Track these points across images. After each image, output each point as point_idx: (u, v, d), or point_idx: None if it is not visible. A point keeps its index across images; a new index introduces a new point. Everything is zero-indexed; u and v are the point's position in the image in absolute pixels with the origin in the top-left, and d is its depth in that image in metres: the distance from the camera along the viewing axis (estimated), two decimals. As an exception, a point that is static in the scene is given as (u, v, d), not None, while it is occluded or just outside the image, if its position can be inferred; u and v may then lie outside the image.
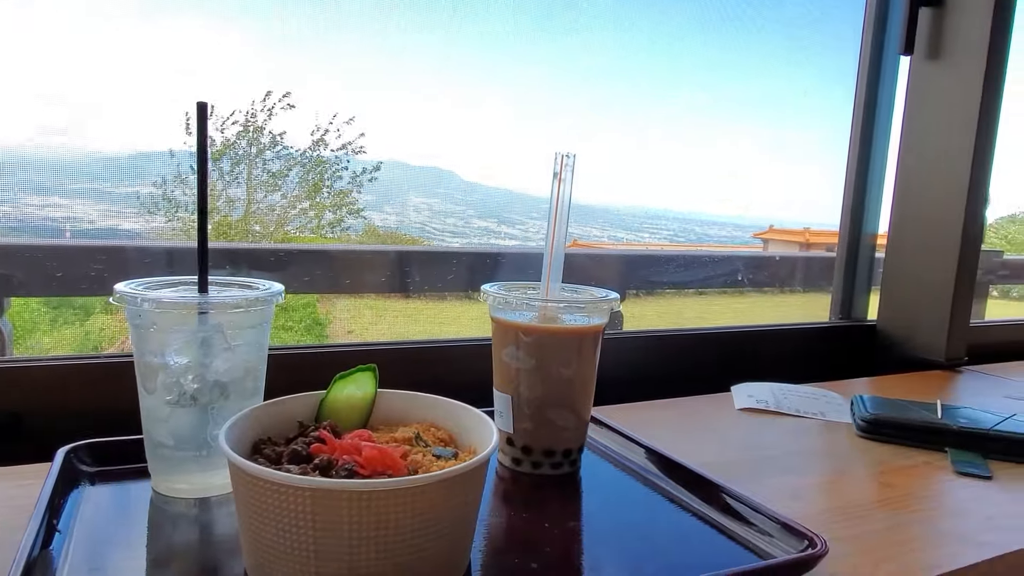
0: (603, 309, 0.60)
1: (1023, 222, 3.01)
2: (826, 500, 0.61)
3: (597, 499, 0.59)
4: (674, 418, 0.80)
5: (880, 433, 0.75)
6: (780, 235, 1.78)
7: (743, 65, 1.42)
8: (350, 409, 0.52)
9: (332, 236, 1.30)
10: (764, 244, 1.81)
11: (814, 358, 1.13)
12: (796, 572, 0.47)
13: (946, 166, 1.07)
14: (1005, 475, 0.68)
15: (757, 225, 1.78)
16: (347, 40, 1.08)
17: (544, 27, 1.21)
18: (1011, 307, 2.57)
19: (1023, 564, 0.54)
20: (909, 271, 1.14)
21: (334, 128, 1.17)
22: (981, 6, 1.02)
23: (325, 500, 0.39)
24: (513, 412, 0.60)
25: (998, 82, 1.03)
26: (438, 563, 0.42)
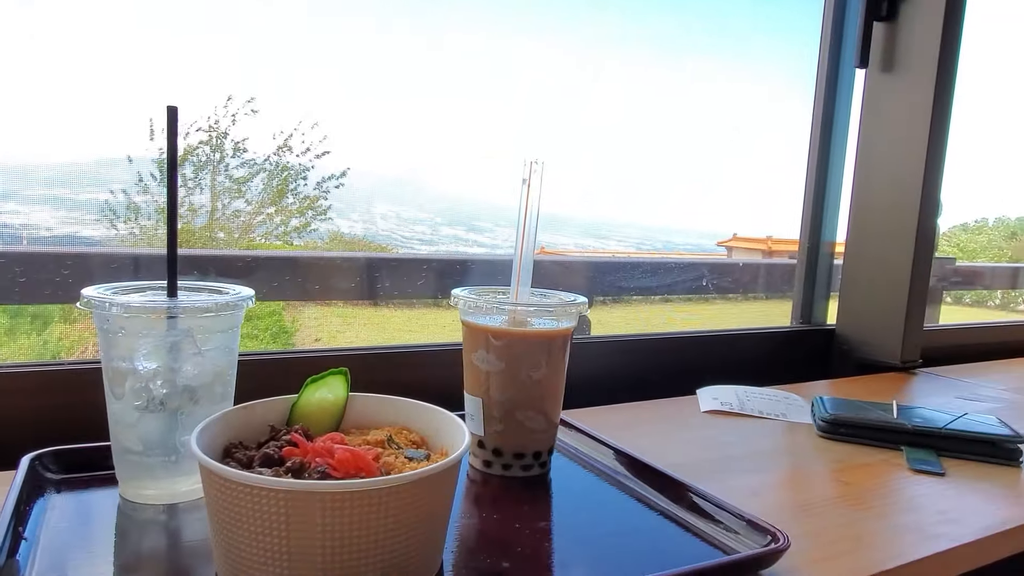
0: (572, 313, 0.61)
1: (974, 231, 3.12)
2: (787, 497, 0.63)
3: (567, 500, 0.60)
4: (641, 420, 0.82)
5: (839, 433, 0.78)
6: (743, 243, 1.81)
7: (706, 73, 1.46)
8: (322, 412, 0.52)
9: (298, 243, 1.29)
10: (728, 252, 1.84)
11: (776, 361, 1.16)
12: (759, 566, 0.48)
13: (899, 176, 1.11)
14: (957, 472, 0.71)
15: (721, 234, 1.82)
16: (314, 44, 1.08)
17: (513, 35, 1.22)
18: (964, 312, 2.65)
19: (975, 555, 0.57)
20: (866, 277, 1.17)
21: (299, 133, 1.16)
22: (931, 21, 1.07)
23: (299, 502, 0.39)
24: (483, 415, 0.61)
25: (948, 94, 1.08)
26: (411, 563, 0.43)
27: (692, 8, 1.47)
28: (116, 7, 0.91)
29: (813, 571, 0.50)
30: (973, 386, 1.08)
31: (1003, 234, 3.07)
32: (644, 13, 1.38)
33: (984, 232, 3.12)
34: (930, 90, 1.06)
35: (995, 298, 2.75)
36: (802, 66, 1.27)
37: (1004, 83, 2.30)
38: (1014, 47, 2.28)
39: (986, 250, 3.08)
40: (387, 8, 1.13)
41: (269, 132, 1.15)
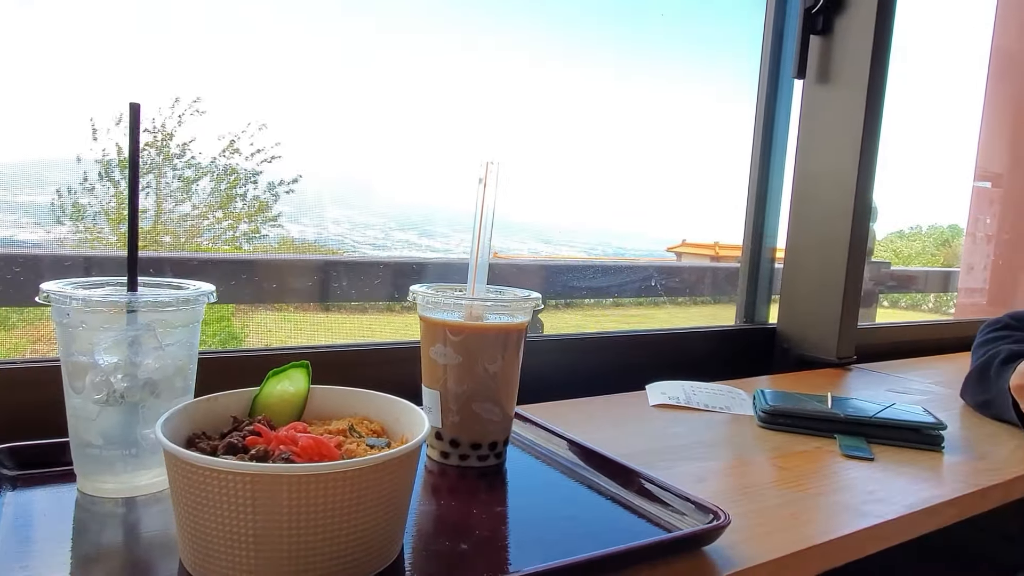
0: (526, 308, 0.64)
1: (910, 237, 3.28)
2: (730, 482, 0.67)
3: (522, 487, 0.62)
4: (593, 414, 0.85)
5: (778, 423, 0.82)
6: (692, 248, 1.87)
7: (655, 82, 1.50)
8: (284, 404, 0.53)
9: (247, 248, 1.28)
10: (677, 256, 1.90)
11: (722, 358, 1.21)
12: (703, 542, 0.52)
13: (834, 182, 1.18)
14: (885, 456, 0.75)
15: (671, 240, 1.88)
16: (265, 46, 1.08)
17: (471, 43, 1.25)
18: (900, 315, 2.77)
19: (900, 531, 0.61)
20: (804, 280, 1.23)
21: (247, 136, 1.16)
22: (862, 36, 1.13)
23: (265, 485, 0.40)
24: (441, 407, 0.63)
25: (878, 104, 1.14)
26: (373, 546, 0.44)
27: (642, 17, 1.52)
28: (57, 4, 0.90)
29: (752, 546, 0.53)
30: (903, 380, 1.14)
31: (936, 241, 3.22)
32: (591, 20, 1.43)
33: (919, 239, 3.27)
34: (862, 100, 1.12)
35: (928, 301, 2.89)
36: (751, 75, 1.33)
37: (935, 99, 2.43)
38: (942, 62, 2.42)
39: (920, 255, 3.22)
40: (340, 11, 1.14)
41: (216, 134, 1.14)
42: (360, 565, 0.44)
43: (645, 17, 1.50)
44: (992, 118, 2.24)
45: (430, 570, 0.47)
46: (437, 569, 0.47)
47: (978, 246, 2.35)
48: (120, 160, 1.04)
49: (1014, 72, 2.18)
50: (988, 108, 2.24)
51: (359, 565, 0.44)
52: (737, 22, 1.53)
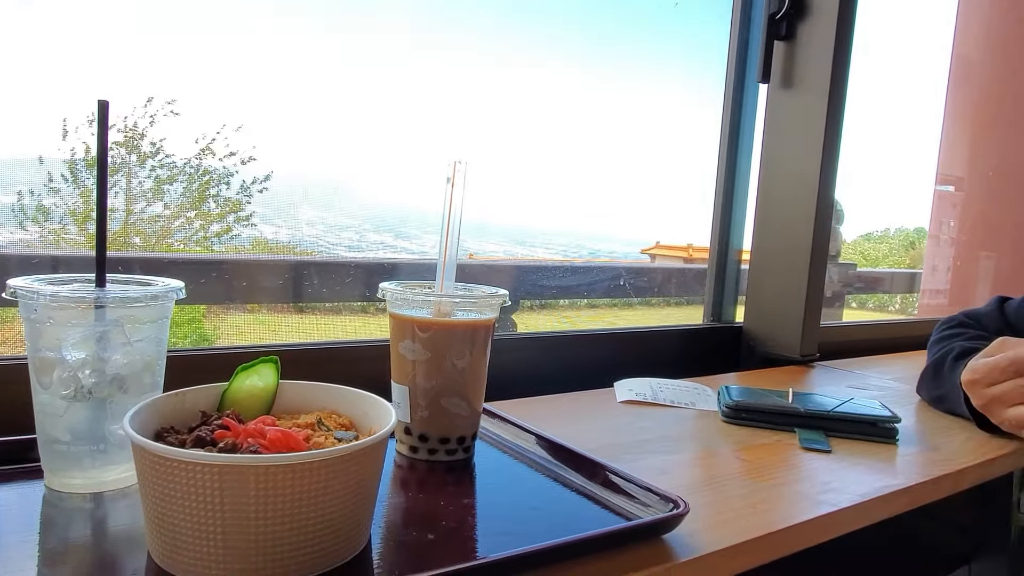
0: (494, 304, 0.65)
1: (877, 240, 3.36)
2: (692, 473, 0.68)
3: (490, 480, 0.63)
4: (561, 411, 0.86)
5: (741, 418, 0.84)
6: (665, 250, 1.91)
7: (631, 87, 1.53)
8: (252, 399, 0.54)
9: (219, 249, 1.28)
10: (652, 258, 1.93)
11: (690, 356, 1.24)
12: (663, 530, 0.53)
13: (797, 185, 1.21)
14: (842, 448, 0.78)
15: (646, 242, 1.91)
16: (241, 48, 1.08)
17: (447, 45, 1.26)
18: (867, 317, 2.84)
19: (854, 518, 0.64)
20: (769, 280, 1.26)
21: (222, 137, 1.16)
22: (824, 41, 1.17)
23: (233, 476, 0.41)
24: (410, 402, 0.64)
25: (839, 108, 1.18)
26: (340, 536, 0.45)
27: (614, 22, 1.55)
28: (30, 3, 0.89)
29: (712, 534, 0.55)
30: (863, 377, 1.17)
31: (903, 244, 3.30)
32: (565, 25, 1.45)
33: (885, 241, 3.36)
34: (824, 104, 1.16)
35: (895, 302, 2.96)
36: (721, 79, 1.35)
37: (900, 105, 2.51)
38: (907, 70, 2.49)
39: (887, 258, 3.30)
40: (314, 13, 1.14)
41: (191, 135, 1.14)
42: (327, 555, 0.45)
43: (616, 21, 1.53)
44: (953, 124, 2.31)
45: (397, 560, 0.48)
46: (404, 559, 0.48)
47: (941, 248, 2.41)
48: (87, 160, 1.04)
49: (973, 79, 2.24)
50: (949, 114, 2.31)
51: (326, 555, 0.45)
52: (707, 26, 1.56)
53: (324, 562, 0.44)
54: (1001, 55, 2.18)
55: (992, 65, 2.20)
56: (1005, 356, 0.78)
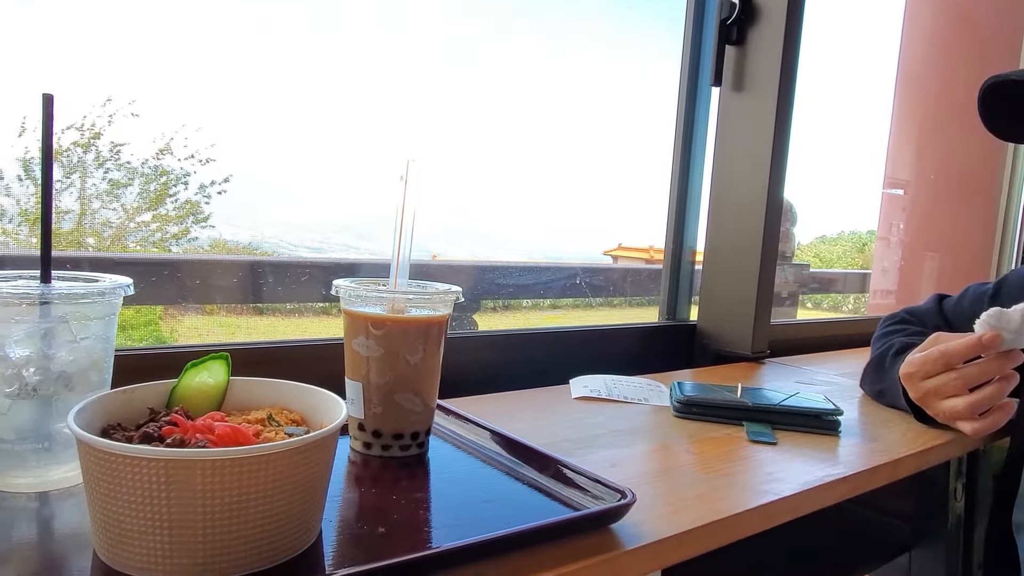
0: (447, 301, 0.66)
1: (831, 242, 3.46)
2: (642, 466, 0.70)
3: (443, 475, 0.64)
4: (517, 407, 0.87)
5: (691, 412, 0.87)
6: (627, 252, 1.94)
7: (595, 91, 1.55)
8: (202, 396, 0.54)
9: (176, 250, 1.26)
10: (614, 260, 1.96)
11: (645, 353, 1.26)
12: (610, 520, 0.55)
13: (747, 187, 1.24)
14: (787, 440, 0.81)
15: (609, 244, 1.93)
16: (202, 48, 1.07)
17: (412, 48, 1.26)
18: (822, 316, 2.91)
19: (796, 506, 0.66)
20: (721, 280, 1.29)
21: (180, 137, 1.14)
22: (773, 46, 1.20)
23: (179, 470, 0.41)
24: (363, 398, 0.64)
25: (788, 111, 1.22)
26: (289, 531, 0.45)
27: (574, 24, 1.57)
28: None
29: (659, 523, 0.56)
30: (811, 372, 1.21)
31: (855, 246, 3.41)
32: (526, 26, 1.46)
33: (839, 244, 3.47)
34: (772, 107, 1.19)
35: (848, 302, 3.05)
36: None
37: (854, 114, 2.59)
38: (858, 80, 2.58)
39: (841, 259, 3.40)
40: (277, 13, 1.14)
41: (150, 136, 1.12)
42: (276, 549, 0.45)
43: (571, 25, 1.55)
44: (899, 129, 2.39)
45: (348, 552, 0.48)
46: (355, 551, 0.48)
47: (891, 250, 2.49)
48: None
49: (918, 86, 2.33)
50: (895, 120, 2.39)
51: (275, 549, 0.45)
52: (663, 30, 1.59)
53: (273, 556, 0.45)
54: (943, 64, 2.26)
55: (935, 73, 2.28)
56: (936, 349, 0.82)
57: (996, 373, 0.78)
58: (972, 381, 0.79)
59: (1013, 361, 0.78)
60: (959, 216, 2.20)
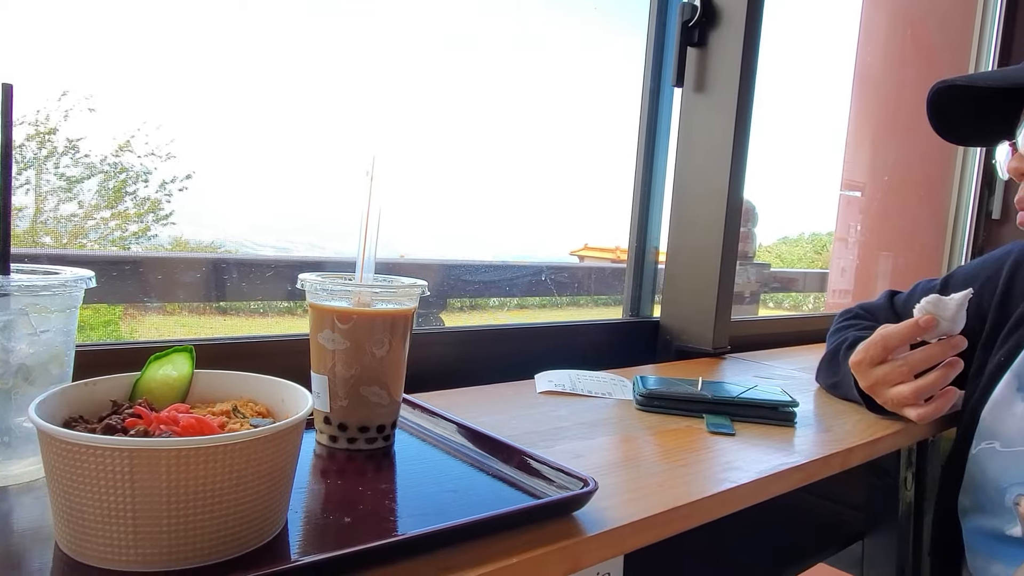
0: (413, 294, 0.66)
1: (792, 243, 3.55)
2: (605, 457, 0.72)
3: (409, 467, 0.65)
4: (483, 401, 0.88)
5: (653, 405, 0.89)
6: (594, 252, 1.96)
7: (562, 93, 1.57)
8: (166, 388, 0.54)
9: (137, 248, 1.24)
10: (580, 259, 1.98)
11: (610, 349, 1.28)
12: (573, 507, 0.56)
13: (708, 187, 1.27)
14: (745, 432, 0.83)
15: (575, 244, 1.95)
16: (163, 43, 1.06)
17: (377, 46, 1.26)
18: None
19: (751, 493, 0.68)
20: (683, 277, 1.32)
21: (142, 134, 1.12)
22: (733, 48, 1.23)
23: (143, 460, 0.41)
24: (329, 392, 0.65)
25: (747, 112, 1.25)
26: (254, 521, 0.46)
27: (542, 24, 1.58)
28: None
29: (620, 510, 0.58)
30: (769, 367, 1.24)
31: (815, 247, 3.49)
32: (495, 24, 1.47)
33: (800, 245, 3.56)
34: (733, 108, 1.22)
35: (809, 302, 3.12)
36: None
37: (816, 117, 2.67)
38: (821, 84, 2.65)
39: (801, 260, 3.49)
40: (241, 8, 1.13)
41: (108, 132, 1.10)
42: (241, 539, 0.45)
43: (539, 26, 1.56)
44: (856, 132, 2.46)
45: (313, 541, 0.49)
46: (320, 540, 0.49)
47: (849, 250, 2.56)
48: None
49: (873, 92, 2.40)
50: (852, 123, 2.46)
51: (240, 539, 0.45)
52: (628, 31, 1.61)
53: (238, 545, 0.45)
54: (896, 69, 2.33)
55: (889, 78, 2.35)
56: (877, 334, 0.85)
57: (939, 358, 0.82)
58: (917, 367, 0.83)
59: (955, 347, 0.82)
60: (912, 217, 2.27)
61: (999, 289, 0.96)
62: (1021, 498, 0.81)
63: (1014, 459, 0.83)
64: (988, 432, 0.88)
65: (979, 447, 0.88)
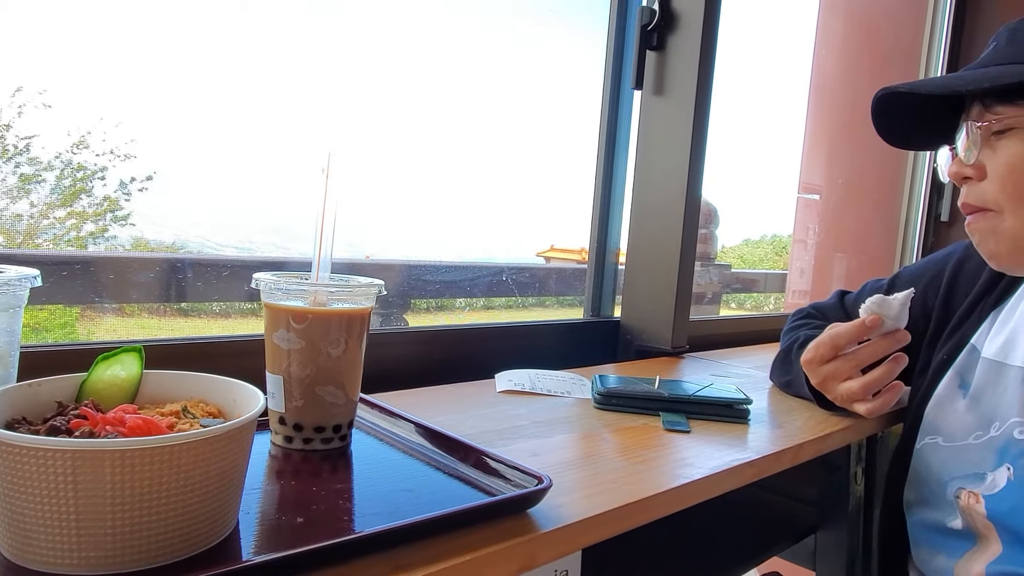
0: (370, 293, 0.66)
1: (754, 245, 3.62)
2: (562, 455, 0.72)
3: (365, 466, 0.64)
4: (442, 401, 0.89)
5: (611, 404, 0.90)
6: (559, 253, 1.97)
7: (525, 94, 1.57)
8: (114, 389, 0.53)
9: (95, 249, 1.21)
10: (546, 261, 1.99)
11: (571, 348, 1.29)
12: (528, 503, 0.56)
13: (667, 188, 1.29)
14: (701, 429, 0.84)
15: (541, 246, 1.96)
16: (122, 41, 1.04)
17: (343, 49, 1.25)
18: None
19: (705, 488, 0.69)
20: (643, 278, 1.34)
21: (100, 132, 1.10)
22: (691, 52, 1.25)
23: (87, 462, 0.40)
24: (284, 392, 0.64)
25: (704, 114, 1.27)
26: (203, 522, 0.45)
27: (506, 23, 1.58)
28: None
29: (576, 507, 0.58)
30: (726, 366, 1.27)
31: (775, 248, 3.57)
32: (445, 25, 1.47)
33: (761, 246, 3.63)
34: (691, 111, 1.24)
35: (770, 302, 3.18)
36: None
37: (777, 122, 2.72)
38: (784, 91, 2.71)
39: (763, 261, 3.56)
40: (201, 4, 1.11)
41: (64, 129, 1.07)
42: (190, 541, 0.45)
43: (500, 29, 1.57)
44: (812, 137, 2.52)
45: (264, 542, 0.48)
46: (272, 541, 0.49)
47: (807, 252, 2.61)
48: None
49: (828, 97, 2.46)
50: (809, 128, 2.52)
51: (189, 541, 0.45)
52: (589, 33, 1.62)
53: (187, 547, 0.44)
54: (851, 75, 2.40)
55: (843, 83, 2.42)
56: (826, 333, 0.88)
57: (884, 352, 0.85)
58: (864, 361, 0.86)
59: (899, 342, 0.85)
60: (865, 219, 2.33)
61: (942, 288, 0.99)
62: (962, 491, 0.84)
63: (955, 454, 0.86)
64: (931, 428, 0.91)
65: (923, 442, 0.91)
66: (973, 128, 0.81)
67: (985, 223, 0.82)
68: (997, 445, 0.82)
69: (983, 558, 0.82)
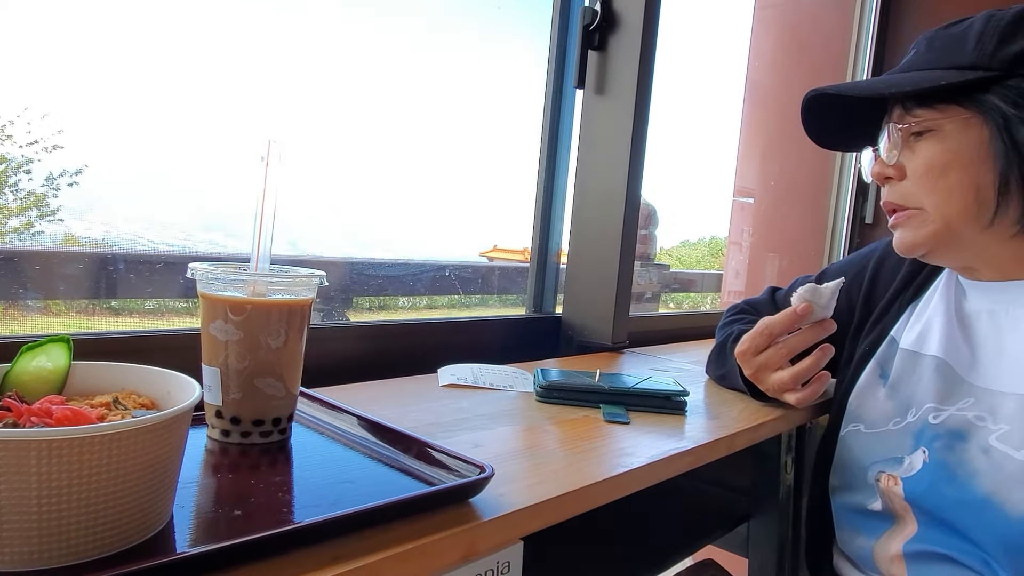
0: (311, 284, 0.65)
1: (691, 247, 3.72)
2: (505, 446, 0.73)
3: (305, 459, 0.64)
4: (385, 395, 0.88)
5: (552, 396, 0.91)
6: (503, 253, 1.98)
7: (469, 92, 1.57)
8: (39, 382, 0.51)
9: (19, 246, 1.15)
10: (490, 260, 2.00)
11: (513, 344, 1.30)
12: (470, 493, 0.57)
13: (607, 187, 1.31)
14: (640, 420, 0.86)
15: (484, 246, 1.96)
16: (51, 29, 0.99)
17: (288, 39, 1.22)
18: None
19: (642, 477, 0.71)
20: (584, 275, 1.36)
21: (23, 122, 1.05)
22: (631, 52, 1.28)
23: (11, 453, 0.39)
24: (221, 384, 0.63)
25: (644, 115, 1.30)
26: (134, 516, 0.44)
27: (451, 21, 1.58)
28: None
29: (518, 495, 0.59)
30: (665, 360, 1.30)
31: (712, 250, 3.67)
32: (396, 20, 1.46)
33: (699, 248, 3.73)
34: (631, 110, 1.27)
35: (707, 302, 3.27)
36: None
37: (715, 127, 2.80)
38: (723, 96, 2.79)
39: (700, 262, 3.66)
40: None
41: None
42: (121, 535, 0.43)
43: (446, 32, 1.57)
44: (747, 140, 2.60)
45: (200, 535, 0.47)
46: (207, 534, 0.48)
47: (742, 253, 2.69)
48: None
49: (761, 102, 2.54)
50: (744, 132, 2.60)
51: (120, 535, 0.43)
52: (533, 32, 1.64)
53: (118, 541, 0.43)
54: (783, 81, 2.49)
55: (776, 89, 2.51)
56: (761, 323, 0.91)
57: (813, 340, 0.89)
58: (795, 349, 0.89)
59: (826, 330, 0.89)
60: (796, 221, 2.42)
61: (865, 284, 1.04)
62: (882, 475, 0.88)
63: (876, 439, 0.91)
64: (854, 416, 0.95)
65: (847, 430, 0.96)
66: (895, 130, 0.85)
67: (906, 220, 0.86)
68: (914, 430, 0.87)
69: (900, 537, 0.86)
